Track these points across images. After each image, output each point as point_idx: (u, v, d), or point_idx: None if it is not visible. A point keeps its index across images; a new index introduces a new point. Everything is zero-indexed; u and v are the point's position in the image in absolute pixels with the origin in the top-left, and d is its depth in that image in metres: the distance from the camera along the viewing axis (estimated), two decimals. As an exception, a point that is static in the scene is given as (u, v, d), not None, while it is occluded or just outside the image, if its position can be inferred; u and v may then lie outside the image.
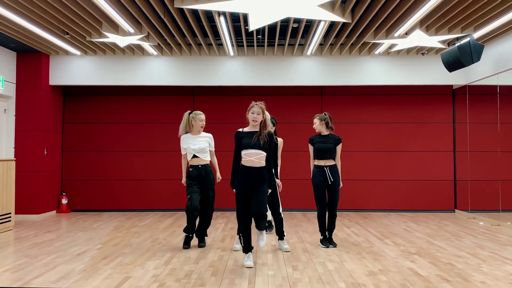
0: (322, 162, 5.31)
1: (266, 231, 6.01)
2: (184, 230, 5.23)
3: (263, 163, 4.38)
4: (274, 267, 4.39)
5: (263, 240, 4.55)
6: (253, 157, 4.36)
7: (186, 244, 5.25)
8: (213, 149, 5.40)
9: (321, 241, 5.39)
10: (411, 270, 4.24)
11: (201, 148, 5.22)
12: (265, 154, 4.38)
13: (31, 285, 3.75)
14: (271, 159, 4.45)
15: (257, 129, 4.43)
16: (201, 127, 5.29)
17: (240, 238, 4.64)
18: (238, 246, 5.19)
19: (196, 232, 5.37)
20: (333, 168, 5.28)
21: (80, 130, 8.83)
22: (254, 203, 4.34)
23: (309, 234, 6.17)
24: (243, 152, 4.41)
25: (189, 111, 5.35)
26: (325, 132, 5.37)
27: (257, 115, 4.40)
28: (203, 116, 5.32)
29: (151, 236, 6.07)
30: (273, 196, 5.19)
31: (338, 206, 5.37)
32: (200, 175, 5.19)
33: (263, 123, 4.41)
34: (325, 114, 5.42)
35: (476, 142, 8.29)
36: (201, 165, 5.21)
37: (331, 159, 5.30)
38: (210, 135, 5.38)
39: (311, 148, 5.41)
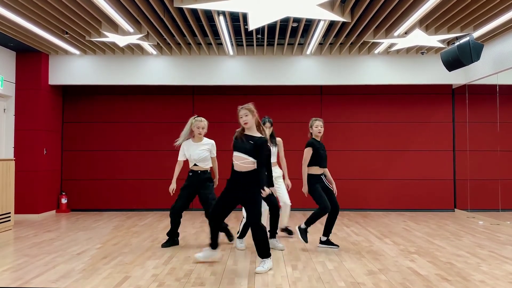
0: (320, 171, 5.17)
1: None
2: (167, 233, 5.37)
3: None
4: (273, 266, 4.39)
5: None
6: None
7: (164, 243, 5.32)
8: (215, 156, 5.40)
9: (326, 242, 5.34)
10: (410, 269, 4.24)
11: (202, 158, 5.22)
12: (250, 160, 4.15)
13: (31, 285, 3.75)
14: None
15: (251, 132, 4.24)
16: (199, 134, 5.20)
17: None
18: (242, 245, 5.20)
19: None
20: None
21: (80, 130, 8.83)
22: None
23: (308, 234, 6.16)
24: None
25: (195, 116, 5.29)
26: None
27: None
28: (202, 124, 5.21)
29: (151, 235, 6.07)
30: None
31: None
32: (199, 180, 5.22)
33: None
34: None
35: (476, 141, 8.30)
36: (200, 171, 5.24)
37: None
38: (212, 142, 5.34)
39: (309, 152, 5.08)
